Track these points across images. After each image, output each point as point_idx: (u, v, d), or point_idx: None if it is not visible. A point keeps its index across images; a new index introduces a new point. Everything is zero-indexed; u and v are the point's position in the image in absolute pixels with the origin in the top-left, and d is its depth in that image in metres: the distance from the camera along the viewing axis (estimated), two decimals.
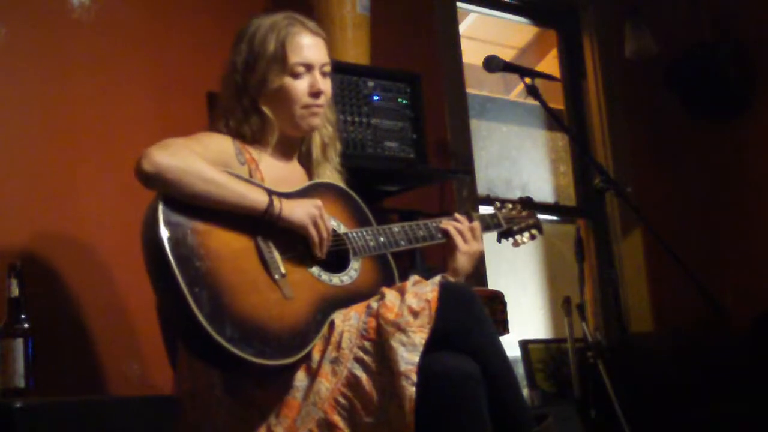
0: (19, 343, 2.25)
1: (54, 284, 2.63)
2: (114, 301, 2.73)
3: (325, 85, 2.31)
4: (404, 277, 2.17)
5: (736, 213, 4.61)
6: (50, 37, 2.78)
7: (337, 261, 2.19)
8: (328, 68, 2.32)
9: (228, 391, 2.03)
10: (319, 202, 2.15)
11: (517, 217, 2.62)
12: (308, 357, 2.02)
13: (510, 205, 2.63)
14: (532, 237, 2.64)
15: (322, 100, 2.30)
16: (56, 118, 2.75)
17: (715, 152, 4.67)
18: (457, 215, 2.43)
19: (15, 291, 2.28)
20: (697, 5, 4.67)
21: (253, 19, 2.33)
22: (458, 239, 2.37)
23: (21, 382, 2.23)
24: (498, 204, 2.62)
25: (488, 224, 2.53)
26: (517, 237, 2.61)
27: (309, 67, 2.28)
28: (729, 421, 3.82)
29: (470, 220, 2.44)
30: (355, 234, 2.24)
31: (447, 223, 2.40)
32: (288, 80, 2.26)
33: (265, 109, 2.27)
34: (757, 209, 4.56)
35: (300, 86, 2.27)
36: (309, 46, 2.29)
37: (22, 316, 2.27)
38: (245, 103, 2.27)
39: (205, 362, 2.01)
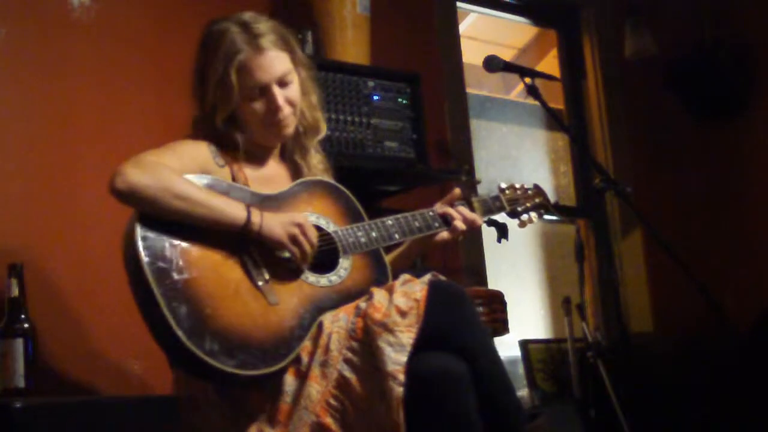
0: (19, 343, 2.25)
1: (54, 284, 2.63)
2: (114, 301, 2.72)
3: (288, 93, 2.22)
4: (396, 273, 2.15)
5: (736, 213, 4.61)
6: (50, 37, 2.78)
7: (326, 261, 2.16)
8: (288, 77, 2.22)
9: (220, 393, 2.02)
10: (301, 217, 2.10)
11: (522, 197, 2.53)
12: (297, 360, 2.00)
13: (517, 185, 2.54)
14: (540, 216, 2.54)
15: (285, 112, 2.22)
16: (56, 118, 2.75)
17: (715, 152, 4.67)
18: (459, 208, 2.36)
19: (15, 291, 2.28)
20: (697, 5, 4.67)
21: (209, 26, 2.25)
22: (463, 233, 2.34)
23: (21, 382, 2.23)
24: (502, 185, 2.53)
25: (490, 208, 2.46)
26: (523, 217, 2.52)
27: (263, 88, 2.20)
28: (729, 421, 3.82)
29: (471, 208, 2.39)
30: (344, 231, 2.20)
31: (450, 211, 2.34)
32: (243, 104, 2.19)
33: (229, 126, 2.21)
34: (757, 209, 4.56)
35: (258, 108, 2.20)
36: (259, 68, 2.18)
37: (22, 316, 2.27)
38: (208, 117, 2.22)
39: (191, 376, 2.00)
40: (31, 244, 2.60)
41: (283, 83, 2.22)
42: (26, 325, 2.26)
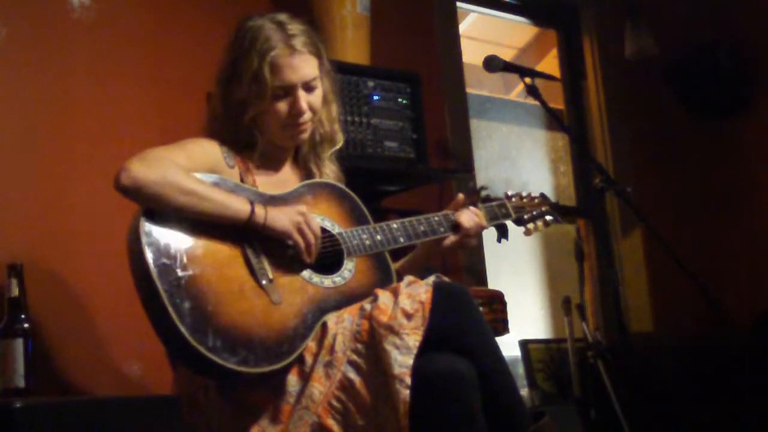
0: (19, 343, 2.25)
1: (54, 284, 2.63)
2: (114, 301, 2.73)
3: (311, 99, 2.24)
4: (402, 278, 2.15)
5: (736, 213, 4.61)
6: (50, 37, 2.78)
7: (331, 262, 2.17)
8: (314, 82, 2.24)
9: (221, 393, 2.03)
10: (303, 207, 2.12)
11: (527, 206, 2.55)
12: (300, 361, 2.00)
13: (523, 193, 2.57)
14: (546, 224, 2.56)
15: (305, 116, 2.24)
16: (56, 118, 2.75)
17: (715, 152, 4.67)
18: (468, 210, 2.38)
19: (15, 291, 2.27)
20: (697, 5, 4.67)
21: (243, 23, 2.27)
22: (470, 237, 2.36)
23: (21, 382, 2.23)
24: (508, 193, 2.56)
25: (496, 214, 2.47)
26: (529, 225, 2.53)
27: (289, 89, 2.21)
28: (729, 421, 3.82)
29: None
30: (349, 233, 2.21)
31: (462, 218, 2.35)
32: (268, 103, 2.20)
33: (251, 124, 2.23)
34: (757, 209, 4.56)
35: (280, 108, 2.21)
36: (290, 67, 2.19)
37: (22, 316, 2.26)
38: (231, 114, 2.24)
39: (193, 372, 2.00)
40: (31, 244, 2.60)
41: (308, 87, 2.23)
42: (26, 325, 2.26)
